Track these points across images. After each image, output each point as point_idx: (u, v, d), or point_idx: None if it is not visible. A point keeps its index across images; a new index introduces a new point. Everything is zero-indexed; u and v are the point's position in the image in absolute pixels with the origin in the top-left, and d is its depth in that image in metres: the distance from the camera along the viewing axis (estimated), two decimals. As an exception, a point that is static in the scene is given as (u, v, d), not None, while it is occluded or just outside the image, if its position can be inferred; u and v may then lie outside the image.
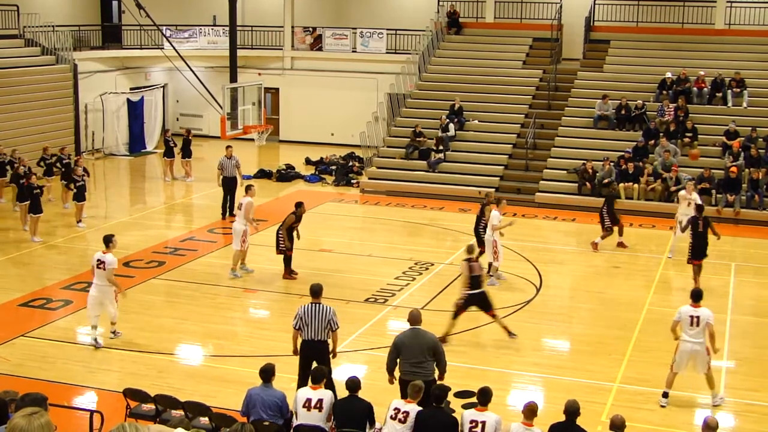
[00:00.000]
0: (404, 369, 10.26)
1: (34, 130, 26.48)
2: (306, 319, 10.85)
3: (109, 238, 13.62)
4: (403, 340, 10.38)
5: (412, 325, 10.50)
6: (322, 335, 10.84)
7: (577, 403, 8.89)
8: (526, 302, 16.04)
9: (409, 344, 10.29)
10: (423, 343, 10.28)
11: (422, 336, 10.36)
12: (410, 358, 10.24)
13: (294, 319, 11.04)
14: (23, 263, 18.27)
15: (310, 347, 10.89)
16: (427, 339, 10.34)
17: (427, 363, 10.23)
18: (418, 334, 10.38)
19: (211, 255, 18.94)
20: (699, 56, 27.92)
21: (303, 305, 11.05)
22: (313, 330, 10.83)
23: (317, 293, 11.09)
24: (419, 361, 10.21)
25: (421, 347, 10.25)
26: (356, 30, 32.87)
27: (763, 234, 21.57)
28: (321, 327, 10.82)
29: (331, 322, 10.84)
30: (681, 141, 24.67)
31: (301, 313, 10.92)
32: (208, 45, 33.39)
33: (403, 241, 20.43)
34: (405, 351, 10.29)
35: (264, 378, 9.59)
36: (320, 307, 10.90)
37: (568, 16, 30.07)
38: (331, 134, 33.06)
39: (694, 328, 11.59)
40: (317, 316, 10.82)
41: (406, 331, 10.54)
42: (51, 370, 12.55)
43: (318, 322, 10.81)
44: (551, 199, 24.06)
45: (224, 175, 21.95)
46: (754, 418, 11.63)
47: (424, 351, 10.24)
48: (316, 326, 10.82)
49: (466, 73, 29.06)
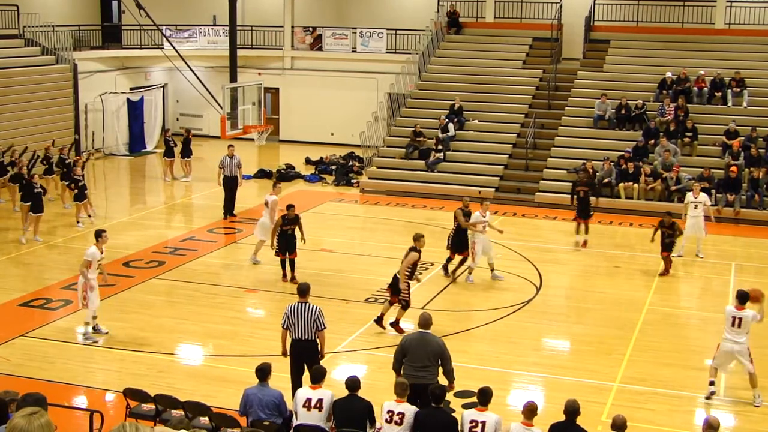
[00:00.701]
0: (408, 372, 10.21)
1: (34, 130, 26.46)
2: (293, 318, 10.86)
3: (98, 232, 13.99)
4: (411, 343, 10.33)
5: (422, 328, 10.44)
6: (309, 334, 10.82)
7: (577, 403, 8.89)
8: (526, 302, 16.04)
9: (415, 348, 10.24)
10: (429, 348, 10.22)
11: (429, 341, 10.29)
12: (415, 361, 10.19)
13: (282, 318, 11.06)
14: (23, 263, 18.27)
15: (298, 346, 10.89)
16: (433, 344, 10.26)
17: (432, 368, 10.18)
18: (425, 338, 10.31)
19: (211, 255, 18.95)
20: (699, 56, 27.93)
21: (290, 304, 11.06)
22: (300, 329, 10.82)
23: (304, 292, 11.08)
24: (424, 365, 10.16)
25: (427, 352, 10.19)
26: (356, 30, 32.88)
27: (764, 233, 21.57)
28: (308, 326, 10.81)
29: (318, 321, 10.80)
30: (681, 141, 24.67)
31: (288, 312, 10.93)
32: (208, 45, 33.39)
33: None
34: (410, 354, 10.24)
35: (260, 377, 9.58)
36: (307, 306, 10.88)
37: (568, 15, 30.07)
38: (331, 134, 33.06)
39: (735, 329, 11.71)
40: (303, 315, 10.82)
41: (414, 334, 10.51)
42: (51, 370, 12.55)
43: (304, 322, 10.80)
44: (551, 198, 24.06)
45: (225, 175, 21.95)
46: (755, 418, 11.63)
47: (429, 356, 10.18)
48: (302, 325, 10.81)
49: (466, 72, 29.06)
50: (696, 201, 18.89)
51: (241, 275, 17.67)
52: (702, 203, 18.87)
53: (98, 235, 13.88)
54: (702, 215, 18.82)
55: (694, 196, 19.05)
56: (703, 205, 18.89)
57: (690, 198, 19.18)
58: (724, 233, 21.66)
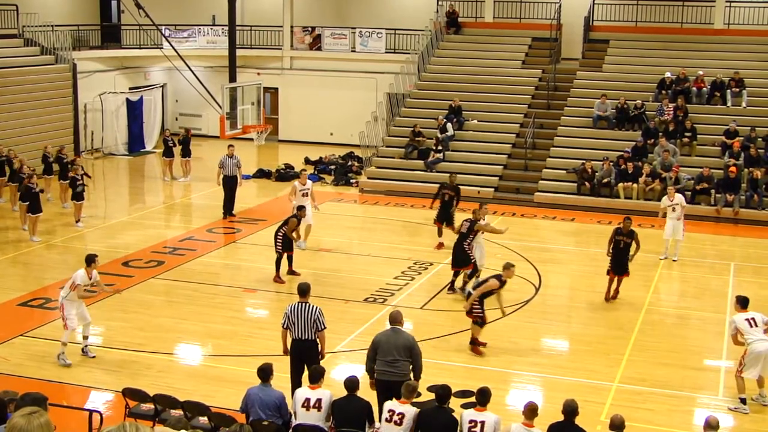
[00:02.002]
0: (379, 368, 10.26)
1: (34, 130, 26.46)
2: (293, 318, 10.88)
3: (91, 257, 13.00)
4: (381, 339, 10.39)
5: (392, 324, 10.50)
6: (309, 334, 10.84)
7: (575, 403, 8.90)
8: (525, 302, 16.04)
9: (386, 342, 10.30)
10: (399, 342, 10.25)
11: (399, 335, 10.35)
12: (385, 356, 10.23)
13: (282, 317, 11.07)
14: (22, 263, 18.26)
15: (298, 346, 10.91)
16: (403, 338, 10.31)
17: (401, 363, 10.19)
18: (395, 333, 10.38)
19: (210, 255, 18.95)
20: (698, 56, 27.93)
21: (291, 304, 11.09)
22: (300, 329, 10.84)
23: (304, 292, 11.11)
24: (394, 359, 10.18)
25: (397, 346, 10.21)
26: (355, 30, 32.87)
27: (762, 234, 21.58)
28: (308, 326, 10.82)
29: (317, 321, 10.82)
30: (680, 141, 24.68)
31: (288, 312, 10.95)
32: (208, 45, 33.37)
33: (402, 241, 20.43)
34: (381, 349, 10.29)
35: (262, 377, 9.60)
36: (307, 306, 10.90)
37: (567, 15, 30.07)
38: (330, 134, 33.06)
39: (755, 329, 11.63)
40: (303, 315, 10.83)
41: (385, 330, 10.57)
42: (50, 370, 12.55)
43: (304, 322, 10.82)
44: (550, 198, 24.07)
45: (225, 174, 21.96)
46: (754, 418, 11.64)
47: (399, 350, 10.19)
48: (302, 325, 10.83)
49: (466, 72, 29.06)
50: (673, 204, 18.81)
51: (240, 275, 17.68)
52: (679, 204, 18.82)
53: (90, 261, 12.89)
54: (681, 217, 18.76)
55: (670, 200, 18.90)
56: (681, 206, 18.83)
57: (666, 202, 19.02)
58: (723, 233, 21.67)
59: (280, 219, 17.67)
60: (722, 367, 13.29)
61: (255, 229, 20.93)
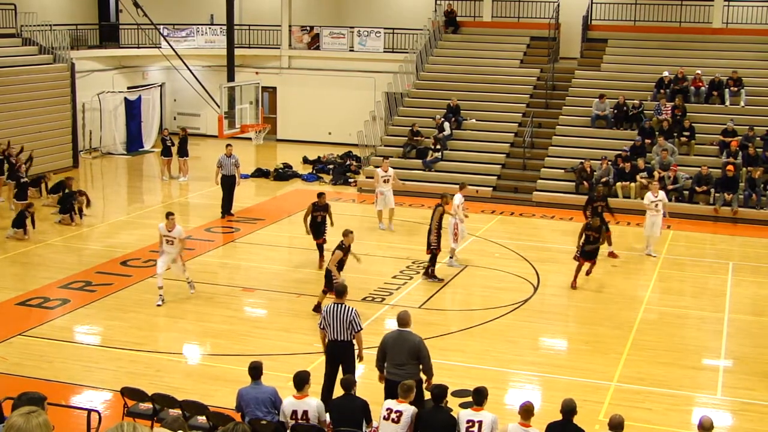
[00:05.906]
0: (388, 370, 10.29)
1: (32, 129, 26.44)
2: (329, 319, 10.90)
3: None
4: (388, 341, 10.39)
5: (400, 326, 10.48)
6: (344, 336, 10.86)
7: (573, 402, 8.90)
8: (523, 301, 16.04)
9: (393, 346, 10.30)
10: (406, 345, 10.24)
11: (406, 338, 10.31)
12: (394, 359, 10.24)
13: (319, 318, 11.16)
14: (20, 262, 18.24)
15: (334, 347, 10.96)
16: (410, 342, 10.28)
17: (409, 365, 10.19)
18: (402, 336, 10.35)
19: (209, 254, 18.93)
20: (696, 55, 27.94)
21: (327, 305, 11.14)
22: (336, 330, 10.87)
23: (341, 294, 11.10)
24: (401, 362, 10.20)
25: (404, 350, 10.21)
26: (354, 29, 32.86)
27: (761, 233, 21.59)
28: (343, 327, 10.83)
29: (353, 323, 10.83)
30: (678, 140, 24.69)
31: (324, 313, 11.01)
32: (206, 44, 33.36)
33: (400, 240, 20.42)
34: (389, 352, 10.30)
35: (253, 375, 9.58)
36: (342, 308, 10.90)
37: (565, 15, 30.08)
38: (329, 133, 33.06)
39: None
40: (339, 316, 10.85)
41: (393, 332, 10.55)
42: (49, 369, 12.54)
43: (339, 323, 10.84)
44: (549, 198, 24.07)
45: (223, 174, 21.94)
46: (752, 417, 11.64)
47: (407, 354, 10.20)
48: (337, 326, 10.85)
49: (464, 72, 29.07)
50: (656, 200, 18.86)
51: (239, 274, 17.67)
52: (661, 201, 18.86)
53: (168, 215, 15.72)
54: (661, 215, 18.85)
55: (654, 195, 18.96)
56: (663, 203, 18.89)
57: (650, 197, 19.07)
58: (722, 233, 21.69)
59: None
60: (720, 366, 13.30)
61: (253, 228, 20.92)
